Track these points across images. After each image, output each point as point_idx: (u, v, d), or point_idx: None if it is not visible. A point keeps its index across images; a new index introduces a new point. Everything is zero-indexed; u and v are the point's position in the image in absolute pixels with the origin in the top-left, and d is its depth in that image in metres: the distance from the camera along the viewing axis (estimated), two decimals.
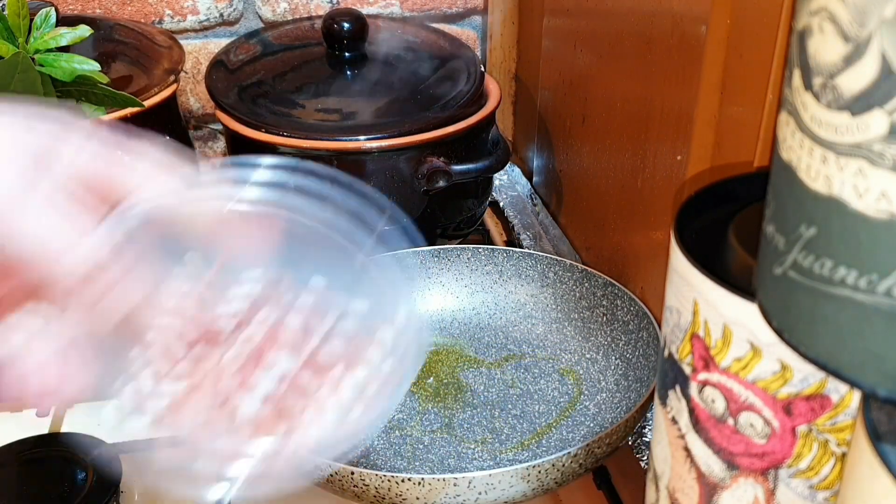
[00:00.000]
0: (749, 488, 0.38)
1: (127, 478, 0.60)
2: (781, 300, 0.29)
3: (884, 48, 0.23)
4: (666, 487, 0.42)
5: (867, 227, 0.25)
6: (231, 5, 0.89)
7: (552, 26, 0.80)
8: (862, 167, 0.25)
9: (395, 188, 0.71)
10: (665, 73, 0.56)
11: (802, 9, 0.26)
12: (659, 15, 0.57)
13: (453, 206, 0.76)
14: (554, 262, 0.70)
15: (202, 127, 0.94)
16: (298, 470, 0.34)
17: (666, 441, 0.41)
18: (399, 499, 0.50)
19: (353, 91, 0.76)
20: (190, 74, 0.90)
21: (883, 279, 0.26)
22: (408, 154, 0.70)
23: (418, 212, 0.73)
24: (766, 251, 0.30)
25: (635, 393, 0.60)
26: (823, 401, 0.34)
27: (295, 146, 0.70)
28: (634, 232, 0.65)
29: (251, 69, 0.77)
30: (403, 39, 0.81)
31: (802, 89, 0.27)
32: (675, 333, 0.39)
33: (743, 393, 0.36)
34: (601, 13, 0.68)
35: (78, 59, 0.60)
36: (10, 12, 0.58)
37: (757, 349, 0.34)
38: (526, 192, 0.89)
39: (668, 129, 0.57)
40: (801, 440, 0.35)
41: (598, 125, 0.70)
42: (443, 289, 0.72)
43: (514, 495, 0.50)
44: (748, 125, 0.49)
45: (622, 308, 0.64)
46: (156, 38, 0.76)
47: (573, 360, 0.67)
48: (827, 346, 0.28)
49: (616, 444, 0.53)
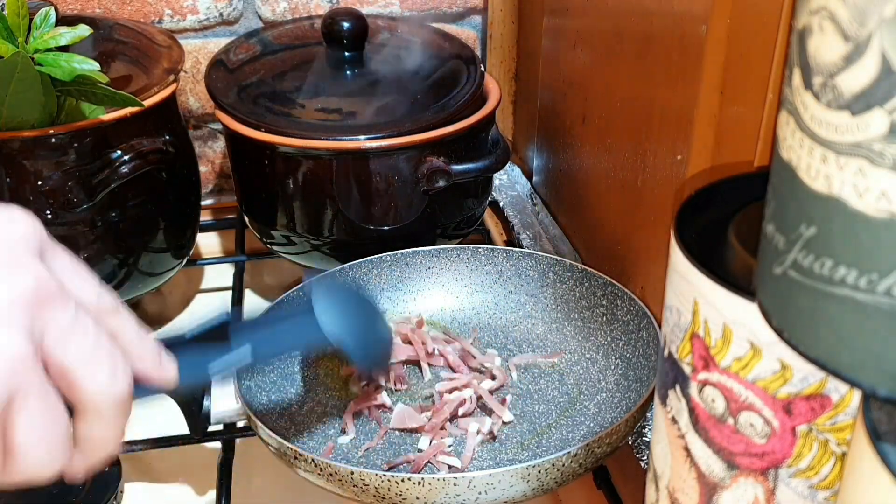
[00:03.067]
0: (749, 488, 0.38)
1: (127, 478, 0.61)
2: (781, 300, 0.29)
3: (884, 47, 0.23)
4: (666, 487, 0.42)
5: (867, 227, 0.25)
6: (231, 5, 0.88)
7: (552, 26, 0.80)
8: (862, 166, 0.25)
9: (395, 188, 0.71)
10: (665, 73, 0.56)
11: (802, 8, 0.26)
12: (659, 15, 0.57)
13: (453, 205, 0.76)
14: (554, 262, 0.70)
15: (202, 127, 0.94)
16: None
17: (666, 441, 0.41)
18: (399, 498, 0.50)
19: (353, 91, 0.76)
20: (190, 74, 0.90)
21: (883, 278, 0.26)
22: (408, 154, 0.70)
23: (418, 212, 0.73)
24: (766, 251, 0.30)
25: (635, 393, 0.60)
26: (823, 400, 0.34)
27: (294, 146, 0.70)
28: (634, 232, 0.65)
29: (251, 69, 0.77)
30: (403, 39, 0.81)
31: (802, 89, 0.27)
32: (675, 333, 0.39)
33: (743, 392, 0.36)
34: (601, 13, 0.68)
35: (78, 59, 0.60)
36: (10, 12, 0.58)
37: (757, 349, 0.34)
38: (526, 191, 0.89)
39: (668, 128, 0.57)
40: (801, 440, 0.35)
41: (598, 125, 0.70)
42: (443, 289, 0.72)
43: (514, 495, 0.50)
44: (748, 125, 0.49)
45: (622, 308, 0.64)
46: (155, 37, 0.76)
47: (573, 360, 0.67)
48: (827, 345, 0.28)
49: (616, 444, 0.53)
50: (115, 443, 0.39)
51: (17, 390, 0.34)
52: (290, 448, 0.51)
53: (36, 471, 0.36)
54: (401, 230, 0.73)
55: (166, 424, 0.61)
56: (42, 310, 0.35)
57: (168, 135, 0.70)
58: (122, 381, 0.38)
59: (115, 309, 0.40)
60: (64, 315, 0.36)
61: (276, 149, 0.71)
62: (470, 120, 0.72)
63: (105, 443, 0.39)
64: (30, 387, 0.35)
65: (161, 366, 0.42)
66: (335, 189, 0.71)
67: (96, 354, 0.37)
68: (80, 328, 0.37)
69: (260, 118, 0.71)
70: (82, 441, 0.38)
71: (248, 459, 0.64)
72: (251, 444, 0.61)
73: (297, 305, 0.65)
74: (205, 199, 0.91)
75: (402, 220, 0.73)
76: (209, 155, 0.95)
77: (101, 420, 0.38)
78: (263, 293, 0.85)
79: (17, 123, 0.61)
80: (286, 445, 0.51)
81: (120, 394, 0.38)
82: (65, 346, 0.36)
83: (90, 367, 0.37)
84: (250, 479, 0.66)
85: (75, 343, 0.36)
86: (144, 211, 0.70)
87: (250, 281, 0.85)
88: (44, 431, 0.35)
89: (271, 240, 0.77)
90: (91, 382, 0.37)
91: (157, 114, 0.69)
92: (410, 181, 0.71)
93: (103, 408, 0.37)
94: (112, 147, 0.65)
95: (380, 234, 0.73)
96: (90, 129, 0.64)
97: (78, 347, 0.36)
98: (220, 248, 0.91)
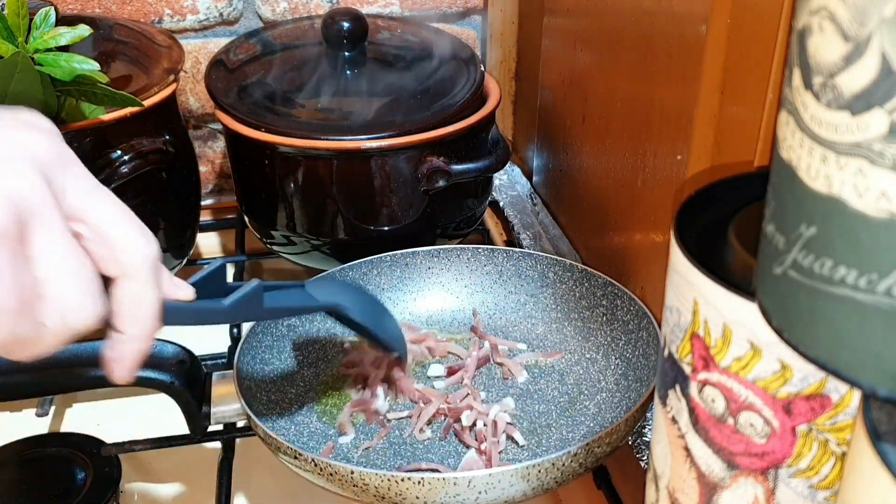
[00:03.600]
0: (749, 488, 0.38)
1: (127, 478, 0.61)
2: (781, 299, 0.29)
3: (884, 47, 0.23)
4: (666, 487, 0.42)
5: (867, 227, 0.25)
6: (231, 5, 0.88)
7: (552, 26, 0.80)
8: (862, 166, 0.25)
9: (395, 188, 0.71)
10: (665, 73, 0.56)
11: (802, 8, 0.26)
12: (659, 15, 0.57)
13: (453, 205, 0.76)
14: (554, 262, 0.70)
15: (202, 126, 0.94)
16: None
17: (666, 441, 0.41)
18: (399, 498, 0.50)
19: (353, 91, 0.76)
20: (190, 74, 0.90)
21: (883, 278, 0.26)
22: (408, 154, 0.70)
23: (418, 212, 0.73)
24: (766, 251, 0.30)
25: (635, 393, 0.60)
26: (823, 400, 0.34)
27: (294, 146, 0.70)
28: (634, 232, 0.65)
29: (251, 69, 0.77)
30: (403, 39, 0.81)
31: (802, 89, 0.27)
32: (675, 333, 0.39)
33: (743, 392, 0.36)
34: (601, 13, 0.68)
35: (78, 59, 0.60)
36: (10, 12, 0.58)
37: (757, 349, 0.34)
38: (526, 191, 0.89)
39: (668, 128, 0.57)
40: (801, 440, 0.35)
41: (598, 125, 0.70)
42: (443, 289, 0.72)
43: (514, 495, 0.50)
44: (748, 125, 0.49)
45: (622, 308, 0.64)
46: (155, 37, 0.76)
47: (573, 360, 0.67)
48: (827, 345, 0.28)
49: (616, 444, 0.53)
50: (151, 307, 0.40)
51: (34, 212, 0.34)
52: (290, 448, 0.51)
53: (72, 310, 0.36)
54: (401, 230, 0.73)
55: (166, 424, 0.61)
56: (58, 166, 0.36)
57: (168, 135, 0.70)
58: (152, 244, 0.39)
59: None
60: (85, 178, 0.37)
61: (276, 149, 0.71)
62: (470, 120, 0.72)
63: (142, 306, 0.39)
64: (47, 212, 0.35)
65: (174, 282, 0.44)
66: (335, 189, 0.71)
67: (124, 217, 0.38)
68: (102, 191, 0.38)
69: (260, 118, 0.71)
70: (120, 307, 0.39)
71: (248, 459, 0.64)
72: (251, 444, 0.61)
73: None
74: (205, 199, 0.91)
75: (402, 220, 0.73)
76: (209, 155, 0.95)
77: (137, 281, 0.39)
78: None
79: None
80: (286, 445, 0.51)
81: (153, 254, 0.39)
82: (87, 200, 0.37)
83: (121, 227, 0.38)
84: (250, 479, 0.66)
85: (97, 200, 0.38)
86: (144, 211, 0.69)
87: None
88: (69, 258, 0.36)
89: (271, 240, 0.77)
90: (124, 240, 0.38)
91: (157, 114, 0.69)
92: (410, 181, 0.71)
93: (137, 265, 0.38)
94: (112, 147, 0.65)
95: (380, 234, 0.73)
96: (90, 129, 0.64)
97: (103, 205, 0.38)
98: (220, 248, 0.91)
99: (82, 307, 0.36)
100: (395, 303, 0.71)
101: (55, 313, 0.36)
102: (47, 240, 0.35)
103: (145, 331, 0.40)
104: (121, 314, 0.39)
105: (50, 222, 0.35)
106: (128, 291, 0.39)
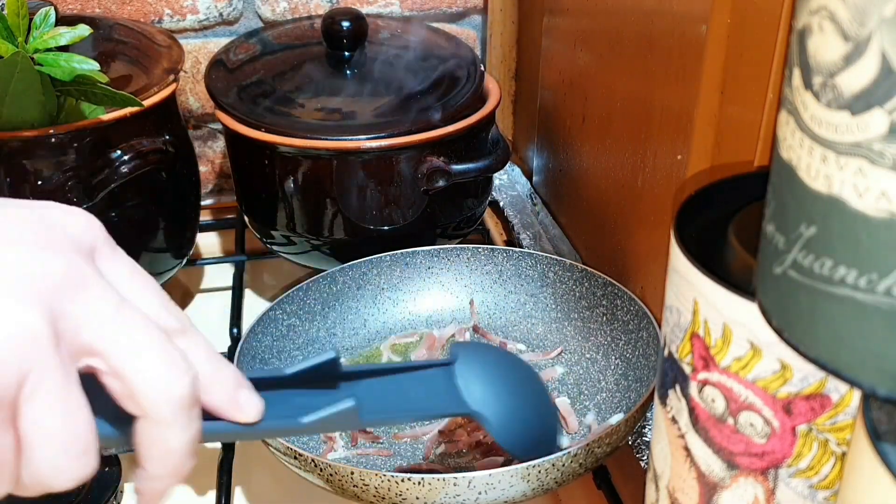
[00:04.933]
0: (749, 488, 0.38)
1: (127, 478, 0.60)
2: (781, 299, 0.29)
3: (884, 47, 0.23)
4: (666, 487, 0.42)
5: (867, 227, 0.25)
6: (230, 5, 0.88)
7: (552, 26, 0.80)
8: (862, 166, 0.25)
9: (395, 188, 0.71)
10: (665, 73, 0.56)
11: (802, 8, 0.26)
12: (659, 15, 0.57)
13: (453, 205, 0.75)
14: (554, 262, 0.70)
15: (202, 126, 0.94)
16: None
17: (666, 441, 0.41)
18: (399, 499, 0.50)
19: (353, 91, 0.76)
20: (189, 74, 0.90)
21: (883, 278, 0.26)
22: (408, 154, 0.70)
23: (418, 211, 0.73)
24: (766, 250, 0.30)
25: (635, 393, 0.60)
26: (823, 400, 0.34)
27: (294, 146, 0.70)
28: (634, 232, 0.65)
29: (251, 69, 0.77)
30: (403, 39, 0.81)
31: (802, 88, 0.27)
32: (675, 333, 0.39)
33: (743, 392, 0.36)
34: (601, 13, 0.68)
35: (77, 59, 0.60)
36: (10, 12, 0.58)
37: (757, 349, 0.34)
38: (526, 191, 0.89)
39: (668, 128, 0.57)
40: (801, 440, 0.35)
41: (598, 125, 0.70)
42: (443, 289, 0.72)
43: (514, 495, 0.50)
44: (748, 125, 0.49)
45: (622, 308, 0.64)
46: (155, 37, 0.76)
47: (573, 360, 0.67)
48: (827, 345, 0.28)
49: (616, 444, 0.53)
50: (177, 451, 0.34)
51: (30, 370, 0.31)
52: (290, 448, 0.51)
53: (48, 472, 0.32)
54: (401, 230, 0.73)
55: None
56: (71, 294, 0.32)
57: (168, 135, 0.70)
58: (182, 381, 0.33)
59: (181, 329, 0.35)
60: (102, 303, 0.32)
61: (276, 149, 0.71)
62: (470, 120, 0.72)
63: (168, 454, 0.34)
64: (44, 370, 0.31)
65: (237, 401, 0.37)
66: (335, 189, 0.71)
67: (147, 347, 0.33)
68: (122, 318, 0.33)
69: (260, 118, 0.71)
70: (142, 448, 0.34)
71: (248, 459, 0.64)
72: (251, 444, 0.61)
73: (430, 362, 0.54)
74: (205, 199, 0.91)
75: (402, 220, 0.73)
76: (209, 155, 0.95)
77: (160, 425, 0.33)
78: (263, 293, 0.85)
79: (17, 123, 0.61)
80: (286, 445, 0.51)
81: (180, 395, 0.33)
82: (101, 331, 0.32)
83: (140, 360, 0.33)
84: (250, 479, 0.66)
85: (114, 330, 0.32)
86: (144, 211, 0.70)
87: (250, 281, 0.85)
88: (57, 424, 0.31)
89: (271, 240, 0.77)
90: (142, 378, 0.33)
91: (157, 114, 0.69)
92: (410, 181, 0.71)
93: (159, 408, 0.33)
94: (112, 147, 0.65)
95: (380, 234, 0.73)
96: (90, 129, 0.64)
97: (120, 336, 0.32)
98: (220, 248, 0.91)
99: (68, 471, 0.32)
100: (395, 303, 0.71)
101: (33, 476, 0.32)
102: (41, 405, 0.31)
103: (171, 471, 0.35)
104: (142, 454, 0.35)
105: (48, 382, 0.31)
106: (149, 433, 0.34)
